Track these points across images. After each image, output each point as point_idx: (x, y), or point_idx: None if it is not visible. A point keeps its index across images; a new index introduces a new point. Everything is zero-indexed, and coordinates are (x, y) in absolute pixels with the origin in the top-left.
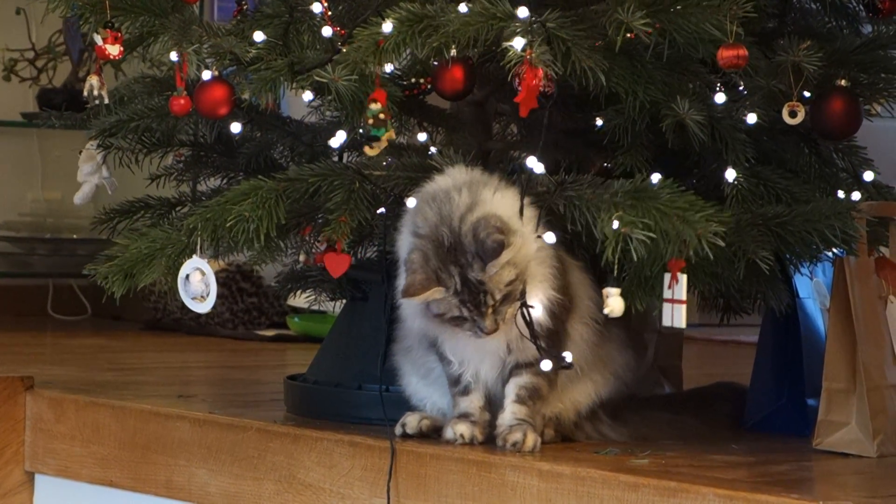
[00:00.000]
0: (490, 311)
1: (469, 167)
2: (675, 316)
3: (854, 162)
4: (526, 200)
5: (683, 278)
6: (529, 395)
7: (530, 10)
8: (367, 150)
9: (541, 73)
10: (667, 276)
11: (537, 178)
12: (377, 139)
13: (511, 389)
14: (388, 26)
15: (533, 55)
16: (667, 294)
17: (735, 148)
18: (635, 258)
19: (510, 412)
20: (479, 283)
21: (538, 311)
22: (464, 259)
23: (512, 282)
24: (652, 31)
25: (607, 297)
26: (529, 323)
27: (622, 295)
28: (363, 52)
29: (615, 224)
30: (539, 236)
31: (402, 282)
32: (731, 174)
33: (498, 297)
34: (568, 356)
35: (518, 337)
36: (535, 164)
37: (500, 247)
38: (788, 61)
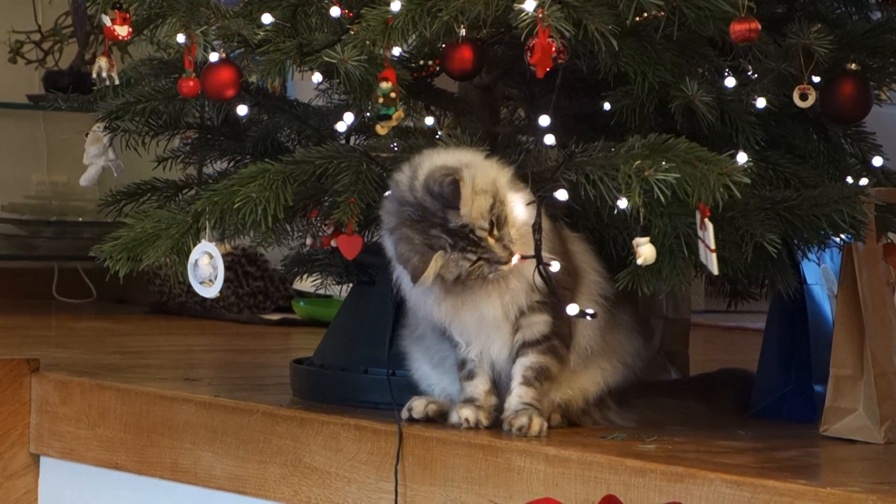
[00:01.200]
0: (492, 240)
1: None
2: (709, 259)
3: (863, 148)
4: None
5: (710, 225)
6: (536, 377)
7: None
8: (377, 128)
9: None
10: (697, 217)
11: (545, 153)
12: (388, 118)
13: (518, 370)
14: (396, 5)
15: (545, 13)
16: (700, 234)
17: (745, 131)
18: (662, 200)
19: (516, 395)
20: (463, 226)
21: (556, 267)
22: (436, 218)
23: (492, 206)
24: (664, 6)
25: (637, 245)
26: (545, 278)
27: (629, 278)
28: (372, 32)
29: (636, 171)
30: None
31: (400, 276)
32: (742, 157)
33: (486, 225)
34: (576, 307)
35: (512, 294)
36: (548, 138)
37: (455, 183)
38: (799, 44)
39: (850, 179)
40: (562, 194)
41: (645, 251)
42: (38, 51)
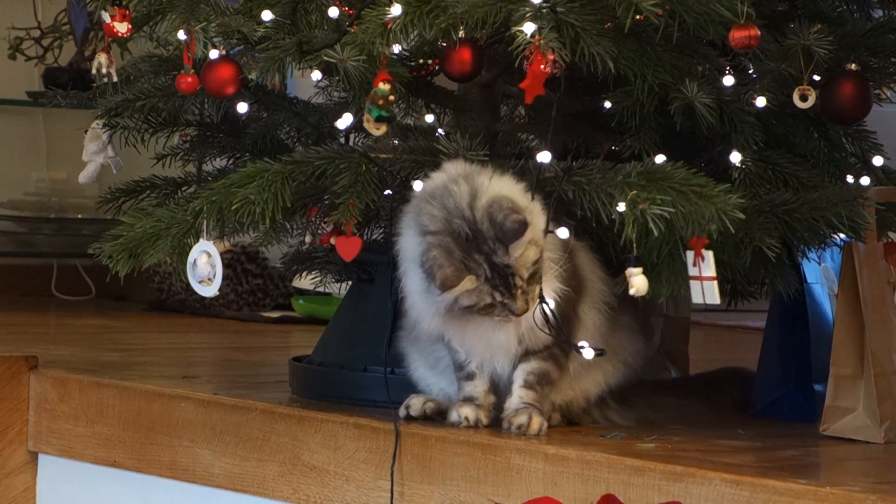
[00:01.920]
0: (520, 292)
1: (465, 161)
2: (707, 292)
3: (863, 147)
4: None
5: (709, 254)
6: (538, 381)
7: None
8: (373, 129)
9: (551, 57)
10: (689, 254)
11: (544, 165)
12: (384, 119)
13: (519, 375)
14: (396, 9)
15: (542, 41)
16: (693, 272)
17: (744, 131)
18: (655, 234)
19: (517, 396)
20: (507, 266)
21: (552, 304)
22: (486, 246)
23: (537, 260)
24: (662, 12)
25: (630, 276)
26: (548, 318)
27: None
28: (371, 34)
29: (631, 204)
30: (551, 231)
31: (407, 277)
32: (736, 157)
33: (525, 276)
34: (585, 345)
35: (529, 328)
36: (544, 156)
37: (523, 226)
38: (799, 45)
39: (850, 178)
40: (563, 232)
41: (637, 282)
42: (38, 47)
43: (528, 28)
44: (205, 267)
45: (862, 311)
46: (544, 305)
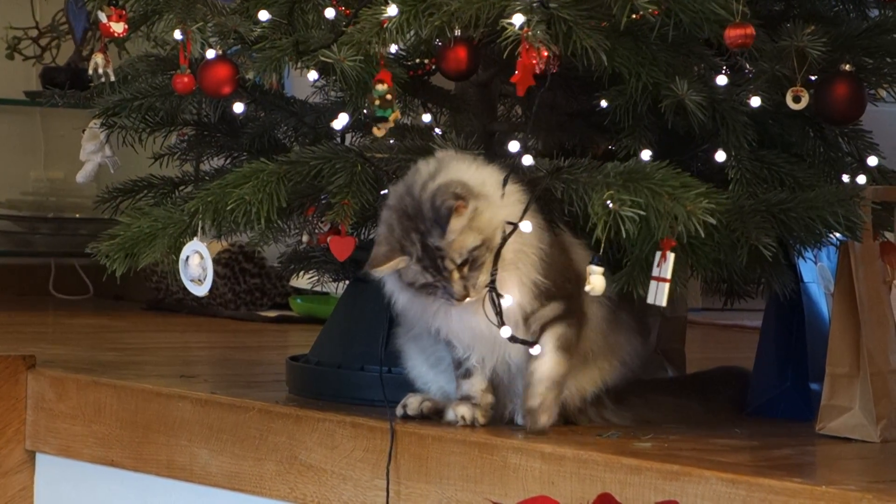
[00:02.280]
0: (456, 276)
1: (464, 150)
2: (658, 294)
3: (859, 146)
4: (515, 185)
5: (671, 257)
6: (564, 346)
7: None
8: (374, 130)
9: (544, 53)
10: (657, 254)
11: (537, 163)
12: (384, 119)
13: (546, 339)
14: (392, 9)
15: (530, 33)
16: (654, 271)
17: (735, 130)
18: (624, 235)
19: (546, 365)
20: (437, 248)
21: (508, 301)
22: (423, 226)
23: (476, 248)
24: (658, 10)
25: (590, 274)
26: (499, 311)
27: (624, 280)
28: (367, 33)
29: (603, 204)
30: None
31: (385, 277)
32: (721, 155)
33: (458, 261)
34: (526, 340)
35: (522, 313)
36: (527, 159)
37: (450, 212)
38: (792, 46)
39: (846, 178)
40: (526, 226)
41: (595, 280)
42: (36, 47)
43: (517, 20)
44: (196, 268)
45: (858, 310)
46: (494, 295)
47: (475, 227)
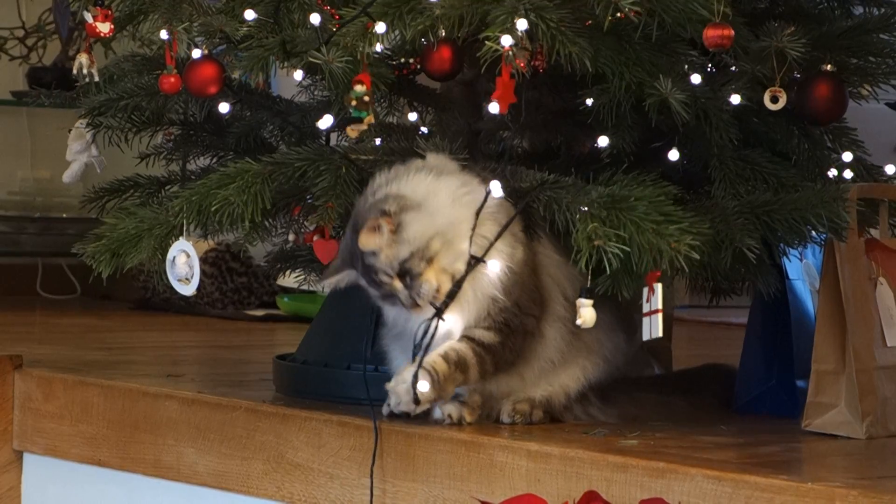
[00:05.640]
0: (398, 286)
1: (445, 155)
2: (653, 327)
3: (843, 143)
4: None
5: (659, 288)
6: (458, 360)
7: None
8: (348, 130)
9: (522, 65)
10: (645, 291)
11: (522, 174)
12: (359, 121)
13: (444, 347)
14: (381, 27)
15: (511, 53)
16: (645, 308)
17: (719, 128)
18: (608, 271)
19: (430, 360)
20: (369, 265)
21: (450, 322)
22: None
23: (406, 260)
24: (641, 10)
25: (580, 307)
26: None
27: (608, 282)
28: (353, 37)
29: (588, 238)
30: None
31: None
32: (674, 154)
33: (391, 273)
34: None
35: (473, 318)
36: (496, 189)
37: (362, 230)
38: (772, 47)
39: (834, 171)
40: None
41: (585, 314)
42: (22, 47)
43: (506, 41)
44: (183, 267)
45: (843, 307)
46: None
47: (405, 240)
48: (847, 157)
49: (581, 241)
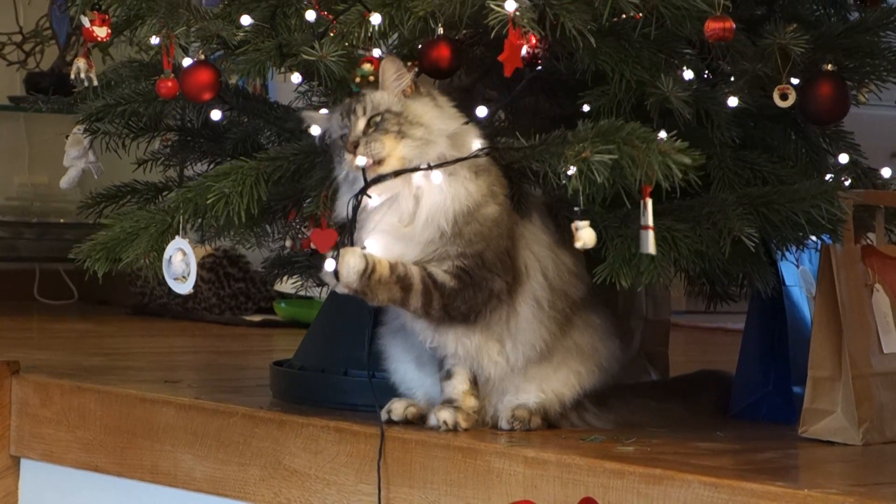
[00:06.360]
0: (360, 124)
1: None
2: (644, 241)
3: (840, 147)
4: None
5: (650, 202)
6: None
7: None
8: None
9: (532, 39)
10: (643, 204)
11: (511, 143)
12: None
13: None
14: (375, 18)
15: (517, 14)
16: (642, 220)
17: (720, 126)
18: (598, 180)
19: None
20: (361, 94)
21: (375, 202)
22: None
23: (388, 110)
24: (641, 5)
25: (576, 230)
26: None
27: (607, 271)
28: (349, 24)
29: (575, 154)
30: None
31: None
32: (662, 134)
33: (368, 112)
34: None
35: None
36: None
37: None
38: (775, 44)
39: (829, 177)
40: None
41: (584, 235)
42: (20, 52)
43: (510, 5)
44: (179, 265)
45: (840, 313)
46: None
47: (404, 103)
48: (843, 158)
49: (570, 158)
